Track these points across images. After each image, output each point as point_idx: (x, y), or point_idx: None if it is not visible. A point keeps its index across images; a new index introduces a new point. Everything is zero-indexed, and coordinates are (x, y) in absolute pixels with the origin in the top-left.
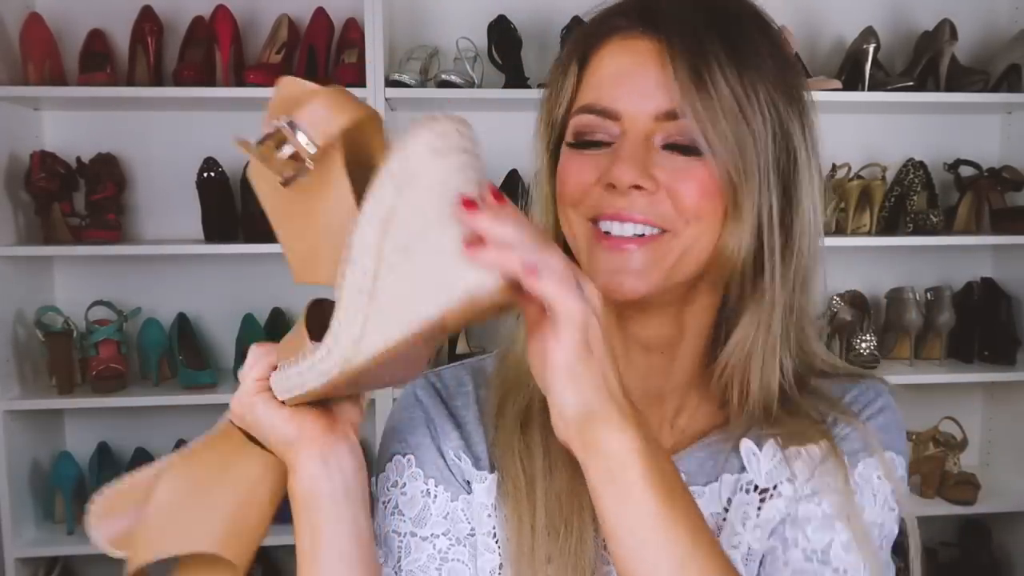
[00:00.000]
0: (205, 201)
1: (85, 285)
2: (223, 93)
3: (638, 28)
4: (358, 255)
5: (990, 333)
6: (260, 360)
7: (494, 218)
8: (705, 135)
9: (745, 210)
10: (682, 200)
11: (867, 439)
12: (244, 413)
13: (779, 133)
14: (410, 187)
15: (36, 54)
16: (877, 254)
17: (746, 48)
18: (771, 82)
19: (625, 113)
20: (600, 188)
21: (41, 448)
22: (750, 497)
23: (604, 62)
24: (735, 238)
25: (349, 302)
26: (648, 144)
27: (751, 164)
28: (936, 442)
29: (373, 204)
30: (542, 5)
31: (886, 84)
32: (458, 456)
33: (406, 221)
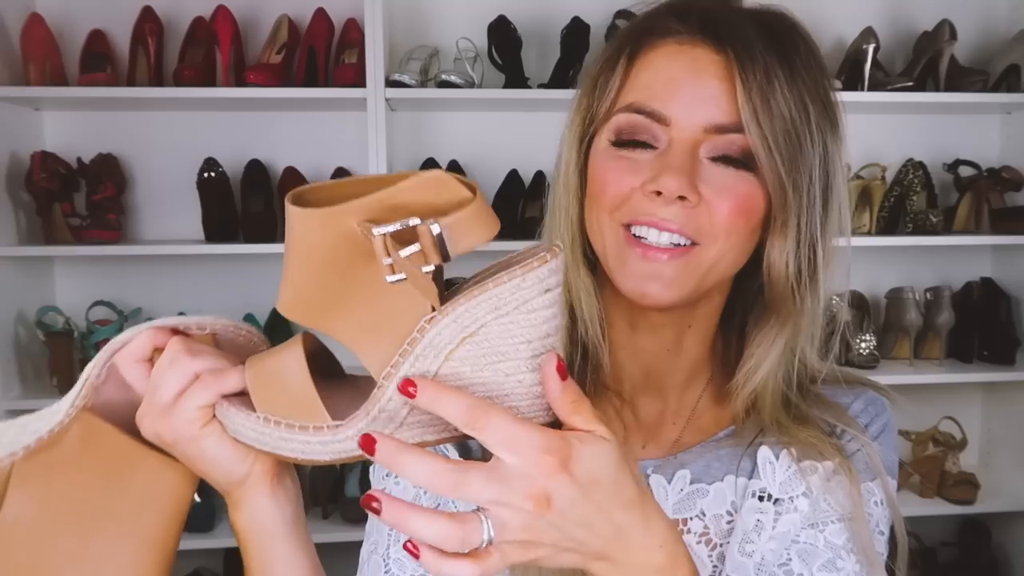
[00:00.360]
0: (205, 201)
1: (85, 285)
2: (223, 93)
3: (698, 36)
4: (423, 353)
5: (990, 333)
6: (208, 387)
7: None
8: (767, 152)
9: (790, 227)
10: (718, 215)
11: (872, 461)
12: (178, 443)
13: (823, 158)
14: (510, 315)
15: (37, 54)
16: (877, 254)
17: (800, 67)
18: (819, 105)
19: (675, 120)
20: (641, 193)
21: None
22: (764, 506)
23: (657, 63)
24: (782, 255)
25: (395, 395)
26: (695, 155)
27: (800, 182)
28: (936, 442)
29: (464, 314)
30: (542, 5)
31: (886, 84)
32: (446, 449)
33: (491, 340)
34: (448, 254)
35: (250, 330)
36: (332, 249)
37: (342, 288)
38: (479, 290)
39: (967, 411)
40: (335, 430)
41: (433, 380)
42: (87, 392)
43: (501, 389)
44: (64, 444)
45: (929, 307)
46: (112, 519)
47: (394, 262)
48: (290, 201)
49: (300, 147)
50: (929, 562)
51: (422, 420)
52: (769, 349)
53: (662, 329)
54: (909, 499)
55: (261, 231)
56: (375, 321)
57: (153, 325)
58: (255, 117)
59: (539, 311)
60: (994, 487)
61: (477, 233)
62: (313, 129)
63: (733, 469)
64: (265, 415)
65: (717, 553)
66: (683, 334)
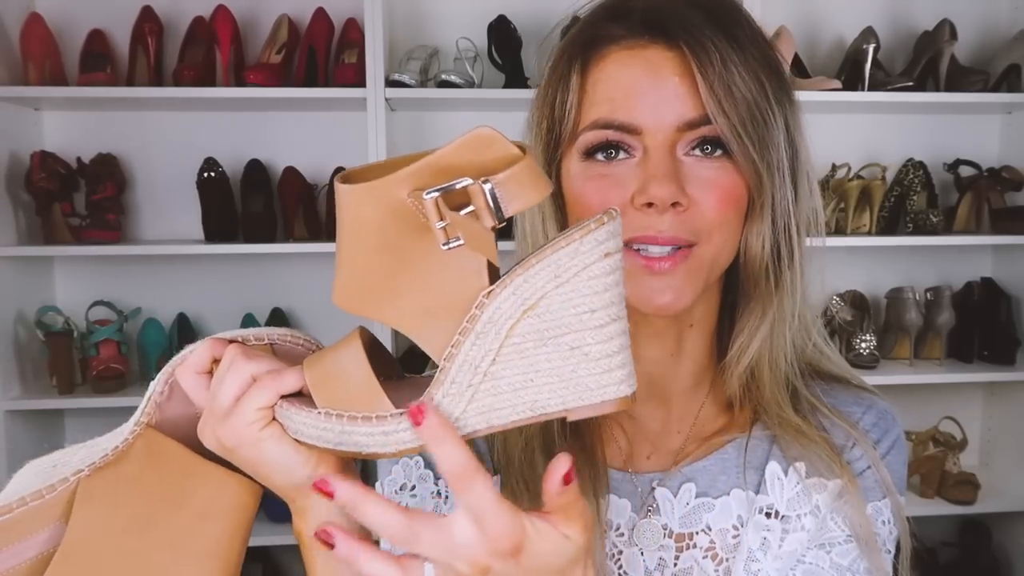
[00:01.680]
0: (205, 201)
1: (85, 285)
2: (223, 93)
3: (645, 36)
4: (483, 330)
5: (990, 333)
6: (266, 387)
7: None
8: (737, 140)
9: (766, 208)
10: (709, 212)
11: (883, 479)
12: (239, 448)
13: (785, 131)
14: (570, 282)
15: (36, 54)
16: (877, 254)
17: (748, 45)
18: (772, 77)
19: (646, 127)
20: (633, 208)
21: (41, 448)
22: (771, 523)
23: (611, 73)
24: (759, 237)
25: (457, 375)
26: (673, 156)
27: (772, 162)
28: (936, 442)
29: (523, 285)
30: (542, 5)
31: (886, 84)
32: None
33: (553, 312)
34: (503, 214)
35: (307, 339)
36: (383, 225)
37: (396, 267)
38: (536, 258)
39: (967, 411)
40: (398, 419)
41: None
42: (151, 409)
43: (566, 364)
44: (128, 460)
45: (929, 307)
46: (176, 533)
47: (449, 224)
48: (340, 181)
49: (300, 147)
50: (929, 562)
51: (487, 404)
52: (756, 329)
53: (664, 333)
54: (909, 499)
55: (261, 231)
56: (431, 301)
57: (211, 338)
58: (255, 117)
59: (600, 277)
60: (994, 487)
61: (529, 192)
62: (313, 129)
63: (740, 483)
64: (327, 409)
65: (724, 568)
66: (684, 335)
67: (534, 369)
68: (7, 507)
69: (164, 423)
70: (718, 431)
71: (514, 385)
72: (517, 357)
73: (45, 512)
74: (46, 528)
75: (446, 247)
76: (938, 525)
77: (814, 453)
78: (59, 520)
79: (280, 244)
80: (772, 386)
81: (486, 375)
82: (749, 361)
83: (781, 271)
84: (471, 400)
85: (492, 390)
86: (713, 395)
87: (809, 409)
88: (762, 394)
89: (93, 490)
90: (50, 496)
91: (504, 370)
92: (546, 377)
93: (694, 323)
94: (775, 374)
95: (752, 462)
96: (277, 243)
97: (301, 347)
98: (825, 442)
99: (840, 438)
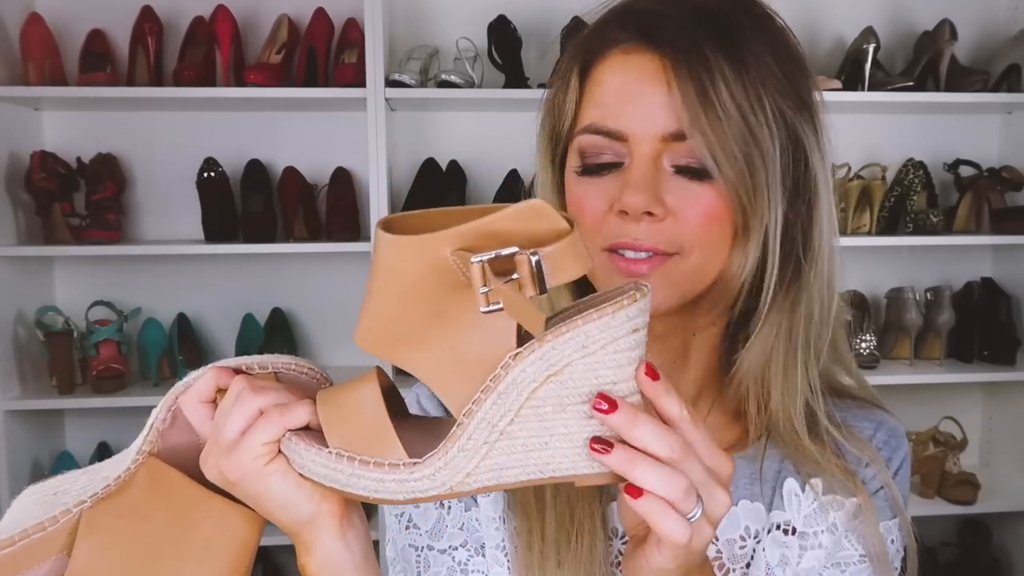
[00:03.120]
0: (205, 201)
1: (85, 285)
2: (223, 93)
3: (638, 42)
4: (505, 391)
5: (990, 333)
6: (273, 422)
7: (629, 423)
8: (715, 157)
9: (753, 228)
10: (689, 225)
11: (895, 498)
12: (243, 482)
13: (788, 144)
14: (596, 354)
15: (36, 54)
16: (877, 254)
17: (750, 58)
18: (777, 89)
19: (632, 135)
20: (613, 215)
21: (41, 448)
22: (789, 540)
23: (606, 78)
24: (741, 256)
25: (475, 432)
26: (657, 166)
27: (760, 182)
28: (936, 442)
29: (550, 352)
30: (542, 5)
31: (886, 84)
32: None
33: (576, 379)
34: (545, 285)
35: (312, 367)
36: (421, 278)
37: (426, 319)
38: (567, 327)
39: (967, 411)
40: (412, 468)
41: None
42: (153, 437)
43: (582, 431)
44: (131, 491)
45: (929, 307)
46: (180, 565)
47: (491, 291)
48: (381, 228)
49: (300, 147)
50: (929, 562)
51: (499, 462)
52: (751, 346)
53: (665, 338)
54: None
55: (261, 231)
56: (457, 356)
57: (215, 366)
58: (255, 117)
59: (625, 352)
60: (994, 487)
61: (573, 266)
62: (313, 129)
63: (747, 494)
64: (338, 450)
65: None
66: (689, 342)
67: (550, 433)
68: (9, 540)
69: (166, 451)
70: (726, 444)
71: (528, 447)
72: (535, 420)
73: (48, 544)
74: (48, 560)
75: (485, 311)
76: (938, 525)
77: (826, 465)
78: (61, 552)
79: (280, 244)
80: (784, 403)
81: (503, 434)
82: (747, 375)
83: (775, 291)
84: (485, 457)
85: (506, 449)
86: (720, 405)
87: (826, 432)
88: (772, 410)
89: (96, 521)
90: (52, 528)
91: (521, 431)
92: (561, 441)
93: (698, 332)
94: (787, 392)
95: (763, 475)
96: (277, 243)
97: (306, 376)
98: (839, 468)
99: (854, 457)
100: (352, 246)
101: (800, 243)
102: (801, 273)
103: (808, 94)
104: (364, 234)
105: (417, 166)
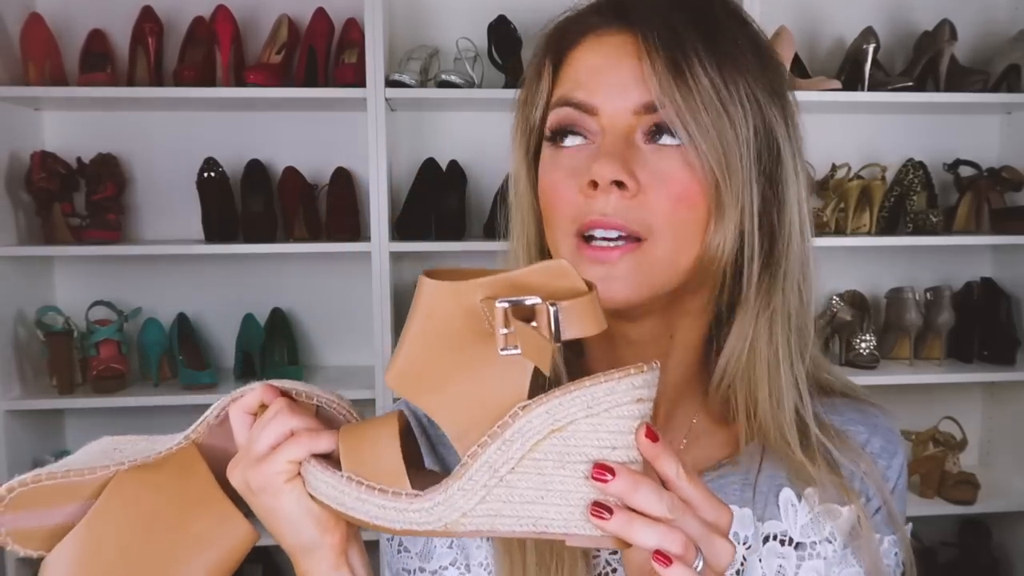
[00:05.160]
0: (205, 201)
1: (85, 285)
2: (223, 93)
3: (612, 24)
4: (511, 438)
5: (990, 333)
6: (301, 443)
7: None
8: (686, 127)
9: (728, 207)
10: (660, 204)
11: (892, 515)
12: (262, 493)
13: (761, 128)
14: (599, 415)
15: (36, 54)
16: (877, 254)
17: (724, 40)
18: (751, 75)
19: (603, 108)
20: (582, 196)
21: (41, 448)
22: (786, 551)
23: (579, 58)
24: (719, 235)
25: (476, 474)
26: (629, 140)
27: (733, 158)
28: (936, 442)
29: (557, 407)
30: (542, 5)
31: (886, 84)
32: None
33: (578, 438)
34: (560, 335)
35: (349, 409)
36: (452, 322)
37: (450, 362)
38: (575, 386)
39: (967, 411)
40: (412, 499)
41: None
42: (202, 429)
43: (578, 491)
44: (161, 468)
45: (929, 307)
46: (170, 548)
47: (511, 332)
48: (424, 275)
49: (300, 147)
50: (929, 562)
51: (495, 508)
52: (743, 348)
53: (640, 345)
54: (909, 499)
55: (261, 231)
56: (472, 399)
57: (266, 384)
58: (255, 117)
59: (627, 419)
60: (994, 487)
61: (586, 323)
62: (313, 129)
63: (735, 499)
64: (349, 474)
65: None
66: (664, 348)
67: (547, 487)
68: (54, 473)
69: (205, 447)
70: (713, 449)
71: (525, 497)
72: (535, 472)
73: (80, 489)
74: (77, 503)
75: (503, 352)
76: (938, 525)
77: (818, 474)
78: (89, 500)
79: (280, 244)
80: (772, 406)
81: (502, 480)
82: (729, 373)
83: (750, 278)
84: (482, 500)
85: (504, 496)
86: (706, 410)
87: (818, 444)
88: (760, 416)
89: (122, 485)
90: (89, 477)
91: (520, 480)
92: (557, 498)
93: (674, 335)
94: (774, 391)
95: (752, 481)
96: (277, 243)
97: (343, 416)
98: (833, 482)
99: (848, 466)
100: (352, 246)
101: (770, 235)
102: (773, 266)
103: (781, 87)
104: (364, 234)
105: (417, 166)
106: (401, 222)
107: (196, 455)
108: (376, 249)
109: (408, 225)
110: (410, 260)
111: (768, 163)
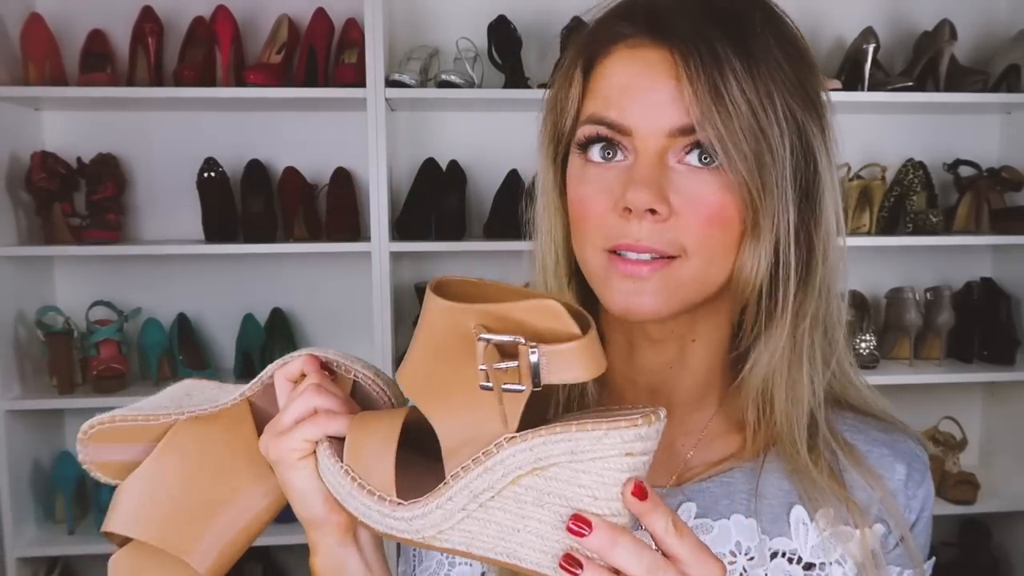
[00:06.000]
0: (205, 201)
1: (85, 285)
2: (223, 93)
3: (646, 36)
4: (493, 467)
5: (990, 333)
6: (319, 424)
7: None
8: (724, 151)
9: (764, 229)
10: (692, 226)
11: (910, 548)
12: (278, 464)
13: (798, 144)
14: (583, 463)
15: (36, 54)
16: (877, 254)
17: (761, 55)
18: (787, 89)
19: (636, 129)
20: (616, 215)
21: (41, 448)
22: (794, 569)
23: (611, 71)
24: (753, 258)
25: (456, 495)
26: (663, 163)
27: (769, 181)
28: (936, 442)
29: (541, 446)
30: (542, 5)
31: (886, 84)
32: None
33: (559, 481)
34: (539, 380)
35: (384, 387)
36: (448, 340)
37: (448, 378)
38: (563, 428)
39: (967, 411)
40: (395, 506)
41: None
42: (257, 388)
43: (553, 533)
44: (215, 422)
45: (929, 307)
46: (206, 499)
47: (488, 371)
48: (431, 287)
49: (300, 147)
50: None
51: (473, 531)
52: (760, 353)
53: (662, 344)
54: None
55: (261, 231)
56: (467, 418)
57: (309, 352)
58: (255, 117)
59: (613, 471)
60: (994, 487)
61: (573, 371)
62: (313, 129)
63: (741, 508)
64: (347, 467)
65: None
66: (686, 348)
67: (523, 523)
68: (126, 416)
69: (255, 407)
70: (727, 453)
71: (502, 528)
72: (514, 504)
73: (147, 432)
74: (144, 443)
75: (482, 385)
76: (938, 525)
77: (837, 501)
78: (154, 441)
79: (280, 244)
80: (788, 417)
81: (481, 506)
82: (756, 384)
83: (786, 296)
84: (460, 521)
85: (482, 521)
86: (724, 413)
87: (824, 446)
88: (775, 424)
89: (180, 433)
90: (154, 423)
91: (499, 510)
92: (532, 536)
93: (697, 339)
94: (793, 404)
95: (761, 492)
96: (277, 243)
97: (377, 394)
98: (842, 496)
99: (865, 490)
100: (352, 246)
101: (807, 247)
102: (808, 278)
103: (816, 94)
104: (364, 234)
105: (417, 166)
106: (401, 222)
107: (246, 413)
108: (376, 249)
109: (408, 225)
110: (410, 260)
111: (804, 177)
